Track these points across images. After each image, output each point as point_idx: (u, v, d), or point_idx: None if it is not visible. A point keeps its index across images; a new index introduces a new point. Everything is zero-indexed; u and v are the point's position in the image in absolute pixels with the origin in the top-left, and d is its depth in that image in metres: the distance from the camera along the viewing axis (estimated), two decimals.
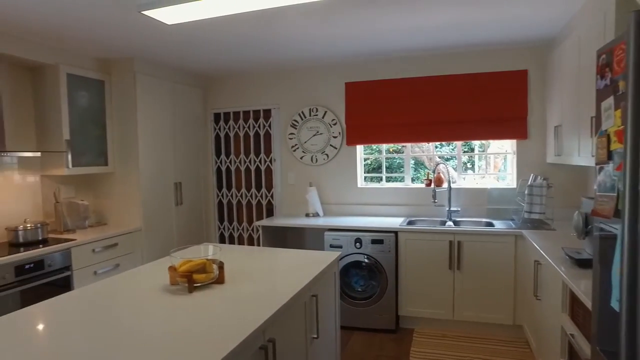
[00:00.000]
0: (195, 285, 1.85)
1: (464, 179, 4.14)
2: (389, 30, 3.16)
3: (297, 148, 4.38)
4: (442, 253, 3.42)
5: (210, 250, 1.98)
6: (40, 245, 3.01)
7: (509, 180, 3.98)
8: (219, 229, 4.84)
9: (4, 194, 3.27)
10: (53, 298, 1.82)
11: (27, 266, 2.79)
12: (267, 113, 4.55)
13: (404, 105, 3.99)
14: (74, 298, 1.83)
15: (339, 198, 4.30)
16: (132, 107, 3.75)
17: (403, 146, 4.23)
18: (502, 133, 3.79)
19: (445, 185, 3.98)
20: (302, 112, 4.34)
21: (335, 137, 4.26)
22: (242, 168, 4.68)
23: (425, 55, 3.93)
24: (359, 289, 3.61)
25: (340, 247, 3.59)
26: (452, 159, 4.41)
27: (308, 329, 2.04)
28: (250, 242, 4.73)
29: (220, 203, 4.82)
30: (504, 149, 4.06)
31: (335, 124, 4.24)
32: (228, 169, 4.76)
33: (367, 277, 3.60)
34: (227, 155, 4.75)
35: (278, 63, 4.12)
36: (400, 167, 4.56)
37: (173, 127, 4.21)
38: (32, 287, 2.83)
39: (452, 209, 3.86)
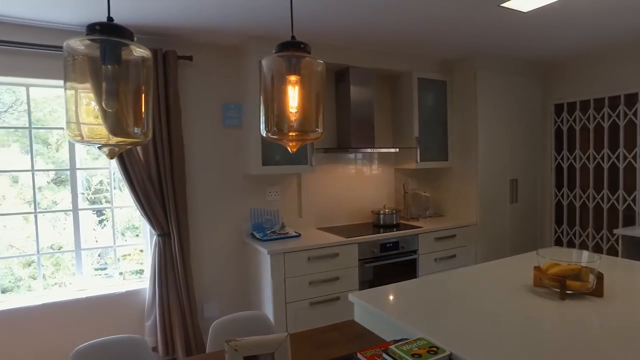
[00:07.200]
0: (567, 292, 1.68)
1: None
2: None
3: None
4: None
5: (585, 257, 1.75)
6: (394, 229, 3.48)
7: None
8: (556, 232, 4.36)
9: (369, 182, 3.98)
10: (419, 278, 2.05)
11: (387, 245, 3.29)
12: (630, 99, 3.73)
13: None
14: (436, 281, 1.99)
15: None
16: (472, 103, 3.83)
17: None
18: None
19: None
20: None
21: None
22: (591, 166, 4.03)
23: None
24: None
25: None
26: None
27: None
28: (598, 252, 4.04)
29: (559, 204, 4.33)
30: None
31: None
32: (571, 167, 4.21)
33: None
34: (571, 151, 4.20)
35: None
36: None
37: (509, 122, 4.05)
38: (387, 264, 3.31)
39: None
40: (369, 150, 3.56)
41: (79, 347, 1.54)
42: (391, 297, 1.78)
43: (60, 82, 2.93)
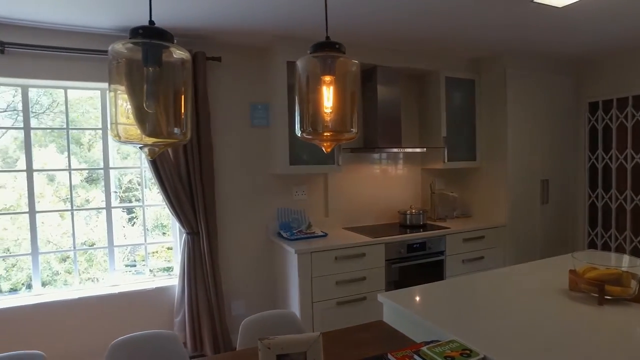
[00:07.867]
0: (606, 297, 1.62)
1: None
2: None
3: None
4: None
5: (626, 261, 1.69)
6: (421, 230, 3.44)
7: None
8: (589, 234, 4.22)
9: (395, 182, 3.95)
10: (449, 279, 2.02)
11: (414, 245, 3.26)
12: None
13: None
14: (467, 283, 1.96)
15: None
16: (501, 102, 3.75)
17: None
18: None
19: None
20: None
21: None
22: (628, 166, 3.88)
23: None
24: None
25: None
26: None
27: None
28: (637, 256, 3.89)
29: (592, 205, 4.19)
30: None
31: None
32: (606, 167, 4.07)
33: None
34: (606, 150, 4.06)
35: None
36: None
37: (540, 121, 3.94)
38: (414, 265, 3.27)
39: None
40: (396, 150, 3.53)
41: (115, 340, 1.59)
42: (421, 298, 1.76)
43: (96, 84, 3.02)
